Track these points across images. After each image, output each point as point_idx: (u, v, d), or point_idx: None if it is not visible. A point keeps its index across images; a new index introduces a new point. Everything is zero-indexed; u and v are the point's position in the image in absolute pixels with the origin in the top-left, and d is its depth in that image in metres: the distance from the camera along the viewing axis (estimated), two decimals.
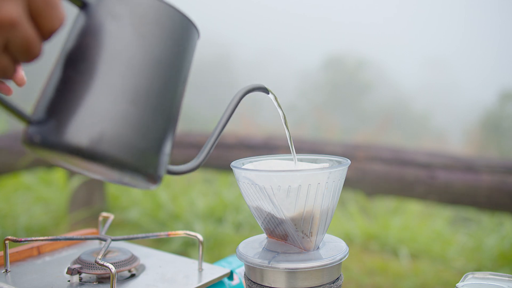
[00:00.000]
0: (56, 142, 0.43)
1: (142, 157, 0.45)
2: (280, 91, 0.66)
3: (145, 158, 0.46)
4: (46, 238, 0.75)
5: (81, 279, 0.70)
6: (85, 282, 0.69)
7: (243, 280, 0.70)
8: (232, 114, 0.59)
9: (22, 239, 0.73)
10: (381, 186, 2.73)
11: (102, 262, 0.62)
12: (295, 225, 0.61)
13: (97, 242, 0.87)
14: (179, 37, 0.49)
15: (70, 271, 0.68)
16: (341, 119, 8.13)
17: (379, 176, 2.68)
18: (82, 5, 0.46)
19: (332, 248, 0.64)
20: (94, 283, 0.69)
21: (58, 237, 0.76)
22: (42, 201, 3.60)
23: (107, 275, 0.70)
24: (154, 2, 0.47)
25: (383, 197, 2.98)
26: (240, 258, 0.63)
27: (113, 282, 0.61)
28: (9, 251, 0.73)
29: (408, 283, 2.45)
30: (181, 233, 0.78)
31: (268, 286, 0.61)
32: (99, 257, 0.64)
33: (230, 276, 0.77)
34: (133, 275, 0.73)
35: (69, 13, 0.46)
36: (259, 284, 0.61)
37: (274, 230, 0.65)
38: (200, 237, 0.76)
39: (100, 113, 0.43)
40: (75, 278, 0.68)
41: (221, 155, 3.09)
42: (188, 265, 0.77)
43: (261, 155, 0.71)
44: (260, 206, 0.63)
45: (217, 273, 0.74)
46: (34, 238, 0.74)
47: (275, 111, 0.66)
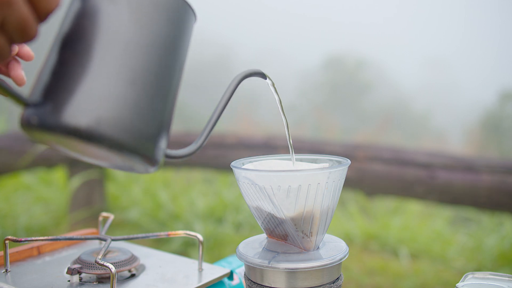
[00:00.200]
0: (53, 124, 0.42)
1: (140, 138, 0.45)
2: (280, 91, 0.66)
3: (143, 139, 0.45)
4: (46, 238, 0.75)
5: (81, 279, 0.70)
6: (85, 282, 0.69)
7: (243, 280, 0.70)
8: (229, 99, 0.58)
9: (22, 239, 0.73)
10: (381, 186, 2.73)
11: (102, 262, 0.62)
12: (295, 225, 0.61)
13: (97, 242, 0.88)
14: (176, 19, 0.49)
15: (70, 271, 0.68)
16: (341, 119, 8.13)
17: (379, 176, 2.68)
18: None
19: (332, 248, 0.64)
20: (94, 283, 0.69)
21: (58, 237, 0.76)
22: (42, 201, 3.60)
23: (107, 275, 0.70)
24: None
25: (383, 197, 2.98)
26: (240, 258, 0.63)
27: (113, 282, 0.61)
28: (9, 251, 0.73)
29: (408, 283, 2.45)
30: (181, 233, 0.78)
31: (268, 286, 0.61)
32: (99, 257, 0.64)
33: (230, 276, 0.77)
34: (133, 275, 0.73)
35: None
36: (259, 284, 0.61)
37: (274, 230, 0.65)
38: (200, 237, 0.76)
39: (98, 94, 0.43)
40: (75, 278, 0.68)
41: (221, 155, 3.09)
42: (188, 265, 0.77)
43: (261, 155, 0.71)
44: (260, 206, 0.63)
45: (217, 273, 0.74)
46: (34, 238, 0.74)
47: (275, 111, 0.66)
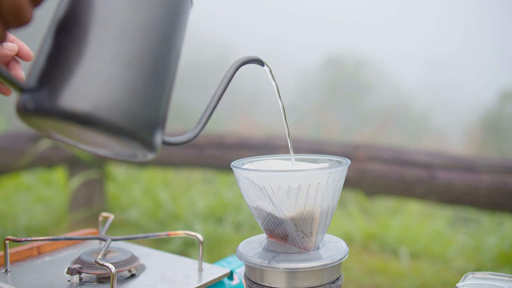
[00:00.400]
0: (50, 108, 0.41)
1: (138, 122, 0.44)
2: (280, 91, 0.66)
3: (141, 123, 0.45)
4: (46, 238, 0.75)
5: (81, 279, 0.70)
6: (85, 282, 0.69)
7: (243, 280, 0.70)
8: (227, 87, 0.58)
9: (22, 239, 0.73)
10: (381, 186, 2.73)
11: (102, 262, 0.62)
12: (295, 225, 0.61)
13: (97, 242, 0.87)
14: (173, 3, 0.49)
15: (70, 271, 0.68)
16: (341, 119, 8.13)
17: (379, 176, 2.68)
18: None
19: (332, 248, 0.64)
20: (94, 283, 0.69)
21: (58, 237, 0.76)
22: (42, 201, 3.60)
23: (107, 275, 0.70)
24: None
25: (383, 197, 2.98)
26: (240, 258, 0.63)
27: (113, 282, 0.61)
28: (9, 251, 0.73)
29: (408, 283, 2.45)
30: (181, 233, 0.78)
31: (268, 286, 0.61)
32: (99, 257, 0.64)
33: (230, 276, 0.77)
34: (133, 275, 0.73)
35: None
36: (259, 284, 0.61)
37: (274, 230, 0.65)
38: (200, 237, 0.76)
39: (94, 77, 0.42)
40: (75, 278, 0.68)
41: (221, 155, 3.09)
42: (188, 265, 0.77)
43: (261, 155, 0.71)
44: (260, 206, 0.63)
45: (217, 273, 0.74)
46: (34, 238, 0.74)
47: (275, 111, 0.66)
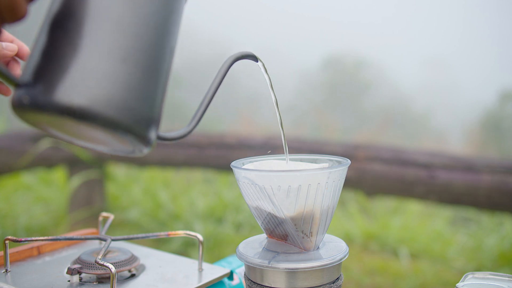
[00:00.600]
0: (46, 103, 0.41)
1: (134, 117, 0.44)
2: (279, 91, 0.66)
3: (136, 118, 0.45)
4: (46, 238, 0.75)
5: (81, 279, 0.70)
6: (85, 282, 0.69)
7: (243, 280, 0.70)
8: (221, 82, 0.58)
9: (22, 239, 0.73)
10: (381, 186, 2.73)
11: (102, 262, 0.62)
12: (295, 225, 0.61)
13: (97, 242, 0.87)
14: None
15: (70, 271, 0.68)
16: (341, 119, 8.13)
17: (379, 176, 2.68)
18: None
19: (332, 248, 0.64)
20: (94, 283, 0.69)
21: (58, 237, 0.76)
22: (42, 201, 3.60)
23: (107, 275, 0.70)
24: None
25: (383, 197, 2.98)
26: (240, 258, 0.63)
27: (113, 282, 0.61)
28: (9, 251, 0.73)
29: (408, 283, 2.45)
30: (181, 233, 0.78)
31: (268, 286, 0.61)
32: (99, 257, 0.64)
33: (230, 276, 0.77)
34: (133, 275, 0.73)
35: None
36: (259, 284, 0.61)
37: (274, 230, 0.65)
38: (200, 237, 0.76)
39: (90, 72, 0.42)
40: (75, 278, 0.68)
41: (221, 155, 3.09)
42: (188, 265, 0.77)
43: (261, 155, 0.71)
44: (260, 206, 0.63)
45: (217, 273, 0.74)
46: (34, 238, 0.74)
47: (275, 111, 0.66)
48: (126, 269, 0.71)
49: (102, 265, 0.62)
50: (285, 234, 0.63)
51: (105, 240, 0.75)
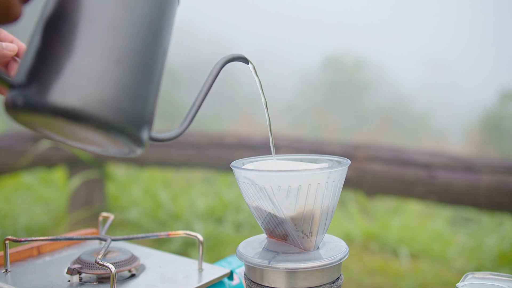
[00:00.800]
0: (39, 104, 0.41)
1: (126, 117, 0.45)
2: (279, 91, 0.66)
3: (130, 119, 0.45)
4: (46, 238, 0.75)
5: (81, 279, 0.70)
6: (85, 282, 0.69)
7: (243, 280, 0.70)
8: (212, 84, 0.58)
9: (22, 239, 0.73)
10: (381, 186, 2.73)
11: (102, 262, 0.62)
12: (295, 225, 0.61)
13: (97, 242, 0.87)
14: (160, 0, 0.49)
15: (70, 271, 0.68)
16: (341, 119, 8.13)
17: (379, 176, 2.68)
18: None
19: (332, 248, 0.64)
20: (94, 283, 0.69)
21: (58, 237, 0.76)
22: (42, 201, 3.60)
23: (107, 275, 0.70)
24: None
25: (383, 197, 2.98)
26: (240, 258, 0.63)
27: (113, 282, 0.61)
28: (9, 251, 0.73)
29: (408, 283, 2.45)
30: (181, 233, 0.78)
31: (268, 286, 0.61)
32: (99, 257, 0.64)
33: (230, 276, 0.77)
34: (133, 275, 0.73)
35: None
36: (259, 284, 0.61)
37: (274, 230, 0.65)
38: (200, 237, 0.76)
39: (84, 73, 0.42)
40: (75, 278, 0.68)
41: (221, 155, 3.09)
42: (188, 265, 0.77)
43: (261, 155, 0.71)
44: (260, 206, 0.63)
45: (217, 273, 0.74)
46: (34, 238, 0.74)
47: (276, 112, 0.66)
48: (126, 269, 0.71)
49: (102, 265, 0.62)
50: (285, 234, 0.63)
51: (105, 240, 0.75)
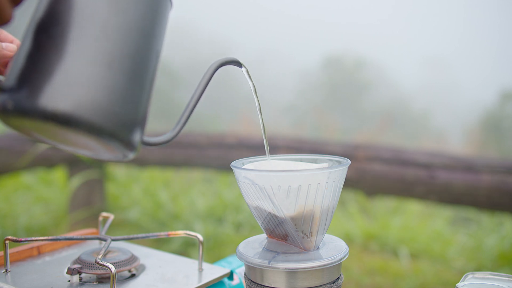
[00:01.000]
0: (30, 108, 0.41)
1: (118, 122, 0.44)
2: (279, 91, 0.66)
3: (121, 123, 0.45)
4: (46, 238, 0.75)
5: (81, 279, 0.70)
6: (85, 282, 0.69)
7: (243, 280, 0.70)
8: (205, 88, 0.58)
9: (22, 239, 0.73)
10: (381, 186, 2.73)
11: (102, 262, 0.62)
12: (295, 225, 0.61)
13: (97, 242, 0.87)
14: (152, 3, 0.49)
15: (70, 271, 0.68)
16: (341, 119, 8.13)
17: (379, 176, 2.68)
18: None
19: (332, 248, 0.64)
20: (94, 283, 0.69)
21: (58, 237, 0.76)
22: (42, 201, 3.60)
23: (107, 275, 0.70)
24: None
25: (383, 197, 2.98)
26: (240, 258, 0.63)
27: (113, 282, 0.61)
28: (9, 251, 0.73)
29: (408, 283, 2.45)
30: (181, 233, 0.78)
31: (268, 286, 0.61)
32: (99, 257, 0.64)
33: (230, 276, 0.77)
34: (133, 275, 0.73)
35: None
36: (259, 284, 0.61)
37: (274, 230, 0.65)
38: (200, 237, 0.76)
39: (74, 77, 0.42)
40: (75, 278, 0.68)
41: (221, 155, 3.09)
42: (188, 265, 0.77)
43: (261, 155, 0.71)
44: (260, 206, 0.63)
45: (217, 273, 0.74)
46: (34, 238, 0.74)
47: (275, 112, 0.66)
48: (126, 269, 0.71)
49: (102, 265, 0.62)
50: (285, 234, 0.63)
51: (105, 240, 0.75)
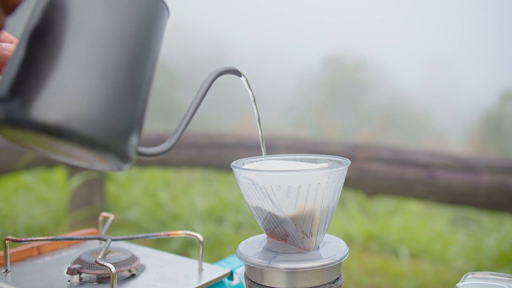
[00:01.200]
0: (21, 119, 0.40)
1: (112, 134, 0.43)
2: (279, 91, 0.66)
3: (115, 135, 0.44)
4: (46, 238, 0.75)
5: (81, 279, 0.70)
6: (85, 282, 0.69)
7: (243, 280, 0.70)
8: (203, 97, 0.57)
9: (22, 239, 0.73)
10: (381, 186, 2.73)
11: (102, 262, 0.62)
12: (295, 225, 0.61)
13: (97, 242, 0.87)
14: (149, 13, 0.48)
15: (70, 271, 0.68)
16: (341, 119, 8.13)
17: (379, 176, 2.68)
18: None
19: (332, 248, 0.64)
20: (94, 283, 0.69)
21: (58, 237, 0.76)
22: (42, 201, 3.60)
23: (107, 275, 0.70)
24: None
25: (383, 197, 2.98)
26: (240, 258, 0.63)
27: (113, 282, 0.61)
28: (9, 251, 0.73)
29: (408, 283, 2.45)
30: (181, 233, 0.77)
31: (268, 286, 0.61)
32: (99, 257, 0.64)
33: (230, 276, 0.77)
34: (133, 275, 0.73)
35: None
36: (259, 284, 0.61)
37: (274, 230, 0.65)
38: (200, 237, 0.76)
39: (67, 88, 0.41)
40: (75, 278, 0.68)
41: (221, 155, 3.09)
42: (188, 265, 0.77)
43: (261, 155, 0.71)
44: (260, 206, 0.63)
45: (217, 273, 0.74)
46: (34, 238, 0.74)
47: (275, 112, 0.66)
48: (126, 269, 0.71)
49: (102, 265, 0.62)
50: (285, 234, 0.63)
51: (105, 240, 0.75)
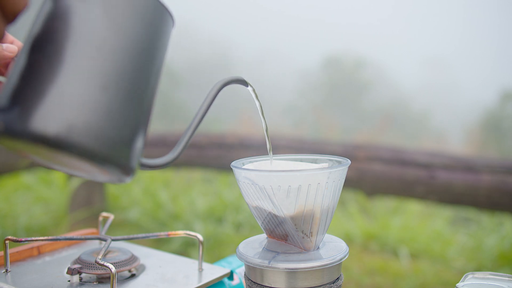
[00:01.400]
0: (20, 130, 0.40)
1: (112, 146, 0.43)
2: (279, 91, 0.66)
3: (115, 147, 0.43)
4: (46, 238, 0.75)
5: (81, 279, 0.70)
6: (85, 282, 0.69)
7: (243, 280, 0.70)
8: (209, 107, 0.57)
9: (22, 239, 0.73)
10: (381, 186, 2.73)
11: (102, 262, 0.62)
12: (295, 225, 0.61)
13: (97, 242, 0.87)
14: (153, 22, 0.47)
15: (70, 271, 0.68)
16: (341, 119, 8.13)
17: (379, 176, 2.68)
18: None
19: (332, 248, 0.64)
20: (94, 283, 0.69)
21: (58, 237, 0.76)
22: (42, 201, 3.60)
23: (107, 275, 0.70)
24: None
25: (383, 197, 2.98)
26: (240, 258, 0.63)
27: (113, 282, 0.61)
28: (9, 251, 0.73)
29: (408, 283, 2.45)
30: (181, 233, 0.78)
31: (268, 286, 0.61)
32: (99, 257, 0.64)
33: (230, 276, 0.77)
34: (133, 275, 0.73)
35: None
36: (259, 284, 0.61)
37: (274, 230, 0.65)
38: (200, 237, 0.76)
39: (68, 99, 0.41)
40: (75, 278, 0.68)
41: (221, 155, 3.09)
42: (188, 265, 0.77)
43: (261, 155, 0.71)
44: (260, 206, 0.63)
45: (217, 273, 0.74)
46: (34, 238, 0.74)
47: (276, 112, 0.66)
48: (126, 269, 0.71)
49: (102, 265, 0.62)
50: (285, 234, 0.63)
51: (105, 240, 0.75)
